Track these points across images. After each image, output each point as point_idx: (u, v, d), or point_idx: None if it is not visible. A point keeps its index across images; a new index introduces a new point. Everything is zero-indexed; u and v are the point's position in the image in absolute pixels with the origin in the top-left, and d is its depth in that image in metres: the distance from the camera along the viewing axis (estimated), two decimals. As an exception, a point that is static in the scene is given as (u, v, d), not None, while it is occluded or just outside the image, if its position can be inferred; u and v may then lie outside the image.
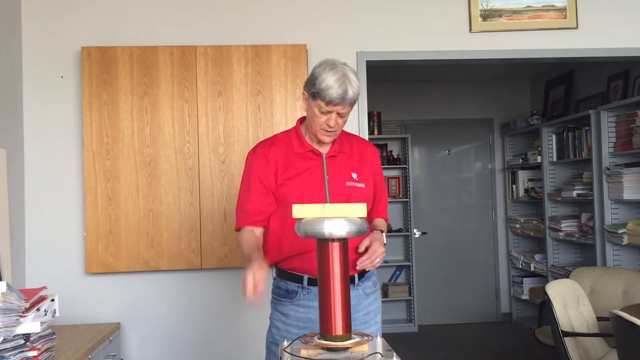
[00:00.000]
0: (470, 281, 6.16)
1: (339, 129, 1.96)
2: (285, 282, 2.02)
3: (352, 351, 1.41)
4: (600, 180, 4.23)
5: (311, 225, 1.41)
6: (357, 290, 2.01)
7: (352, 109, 1.95)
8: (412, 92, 6.17)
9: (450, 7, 3.40)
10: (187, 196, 3.13)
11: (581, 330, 3.20)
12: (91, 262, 3.08)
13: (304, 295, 1.98)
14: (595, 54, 3.47)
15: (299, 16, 3.33)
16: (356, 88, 1.88)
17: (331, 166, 2.00)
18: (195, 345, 3.22)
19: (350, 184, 1.99)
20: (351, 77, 1.87)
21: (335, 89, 1.84)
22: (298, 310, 1.99)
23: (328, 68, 1.87)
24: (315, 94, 1.88)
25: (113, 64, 3.10)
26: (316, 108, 1.90)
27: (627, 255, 4.12)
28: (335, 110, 1.89)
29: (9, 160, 2.96)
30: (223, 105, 3.15)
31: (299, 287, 1.99)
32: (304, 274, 1.98)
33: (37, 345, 2.09)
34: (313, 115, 1.93)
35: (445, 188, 6.28)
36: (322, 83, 1.85)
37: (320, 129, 1.93)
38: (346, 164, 2.02)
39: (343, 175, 1.99)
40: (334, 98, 1.85)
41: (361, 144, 2.13)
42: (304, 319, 1.98)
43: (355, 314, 1.97)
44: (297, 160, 1.99)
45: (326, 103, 1.87)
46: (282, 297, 2.03)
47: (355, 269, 1.95)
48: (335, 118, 1.90)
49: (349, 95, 1.86)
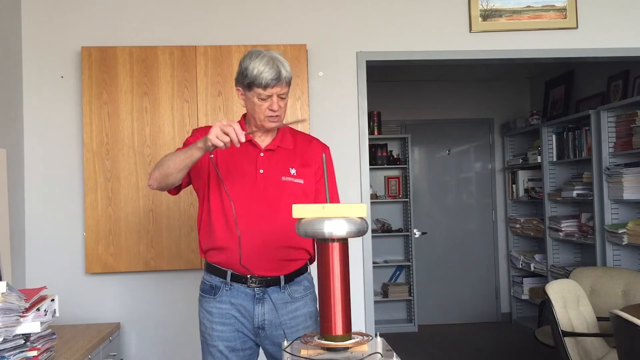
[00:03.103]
0: (470, 281, 6.16)
1: (282, 113, 1.97)
2: (211, 277, 2.04)
3: (352, 351, 1.41)
4: (600, 180, 4.23)
5: (311, 225, 1.41)
6: (282, 293, 1.99)
7: (290, 89, 1.98)
8: (412, 92, 6.17)
9: (450, 7, 3.40)
10: (187, 196, 3.13)
11: (581, 330, 3.20)
12: (91, 262, 3.08)
13: (227, 291, 1.99)
14: (595, 54, 3.47)
15: (299, 16, 3.33)
16: (288, 68, 1.91)
17: (268, 160, 2.00)
18: (195, 345, 3.21)
19: (287, 178, 1.98)
20: (279, 58, 1.91)
21: (268, 71, 1.86)
22: (220, 307, 2.00)
23: (254, 56, 1.90)
24: (251, 84, 1.90)
25: (113, 64, 3.10)
26: (255, 97, 1.92)
27: (627, 255, 4.12)
28: (274, 92, 1.90)
29: (9, 160, 2.96)
30: (223, 105, 3.15)
31: (222, 283, 2.00)
32: (228, 269, 1.98)
33: (37, 345, 2.09)
34: (254, 106, 1.94)
35: (445, 188, 6.28)
36: (253, 71, 1.88)
37: (265, 116, 1.94)
38: (285, 158, 2.01)
39: (279, 170, 1.99)
40: (269, 80, 1.87)
41: (306, 140, 2.12)
42: (226, 315, 1.99)
43: (281, 317, 1.98)
44: (234, 150, 1.95)
45: (263, 88, 1.88)
46: (206, 293, 2.05)
47: (280, 271, 1.96)
48: (277, 101, 1.92)
49: (282, 75, 1.89)
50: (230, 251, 1.95)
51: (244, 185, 1.96)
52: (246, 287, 1.97)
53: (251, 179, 1.97)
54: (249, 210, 1.94)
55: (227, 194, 1.93)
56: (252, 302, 1.97)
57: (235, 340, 2.00)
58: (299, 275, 2.04)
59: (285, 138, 2.06)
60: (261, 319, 1.98)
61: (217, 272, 2.02)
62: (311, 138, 2.16)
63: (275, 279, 1.97)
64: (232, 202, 1.91)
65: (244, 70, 1.90)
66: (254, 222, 1.93)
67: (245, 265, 1.92)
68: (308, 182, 2.02)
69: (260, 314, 1.98)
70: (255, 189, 1.95)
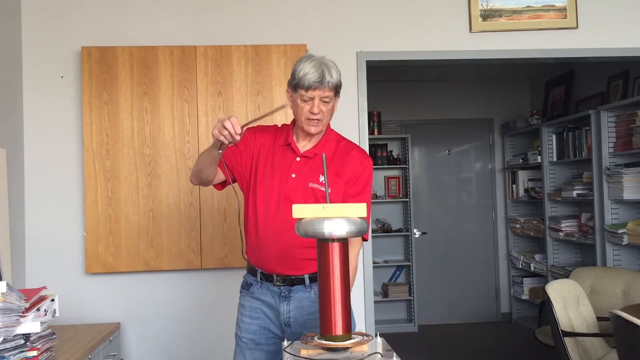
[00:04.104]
0: (470, 281, 6.16)
1: (324, 117, 1.97)
2: (248, 275, 2.13)
3: (352, 351, 1.41)
4: (600, 180, 4.23)
5: (311, 225, 1.41)
6: (308, 292, 2.02)
7: (339, 99, 2.00)
8: (412, 92, 6.17)
9: (450, 7, 3.40)
10: (187, 196, 3.13)
11: (581, 330, 3.20)
12: (91, 262, 3.08)
13: (258, 289, 2.06)
14: (595, 54, 3.47)
15: (299, 16, 3.33)
16: (335, 74, 1.93)
17: (302, 165, 2.02)
18: (195, 345, 3.22)
19: (314, 185, 1.99)
20: (329, 63, 1.93)
21: (312, 74, 1.89)
22: (252, 301, 2.07)
23: (304, 59, 1.95)
24: (296, 85, 1.93)
25: (113, 64, 3.10)
26: (299, 99, 1.95)
27: (627, 255, 4.12)
28: (316, 95, 1.92)
29: (9, 160, 2.96)
30: (223, 105, 3.15)
31: (254, 281, 2.07)
32: (258, 269, 2.05)
33: (37, 345, 2.09)
34: (297, 108, 1.97)
35: (445, 188, 6.28)
36: (299, 72, 1.91)
37: (306, 118, 1.96)
38: (319, 165, 2.01)
39: (310, 176, 2.00)
40: (312, 82, 1.89)
41: (347, 150, 2.08)
42: (256, 309, 2.06)
43: (305, 316, 2.00)
44: (277, 152, 2.04)
45: (305, 89, 1.91)
46: (243, 288, 2.13)
47: (303, 270, 1.99)
48: (318, 104, 1.93)
49: (326, 79, 1.90)
50: (259, 250, 2.02)
51: (275, 187, 2.00)
52: (273, 285, 2.03)
53: (282, 182, 2.00)
54: (276, 212, 1.98)
55: (253, 194, 2.01)
56: (278, 299, 2.03)
57: (260, 334, 2.06)
58: None
59: (328, 146, 2.05)
60: (287, 315, 2.02)
61: (251, 270, 2.10)
62: (352, 148, 2.10)
63: (299, 278, 2.01)
64: (257, 202, 2.00)
65: (293, 72, 1.95)
66: (278, 224, 1.97)
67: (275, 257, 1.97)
68: (335, 191, 2.01)
69: (286, 311, 2.02)
70: (283, 192, 1.98)
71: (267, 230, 1.98)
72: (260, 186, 2.01)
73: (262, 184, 2.02)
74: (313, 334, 1.49)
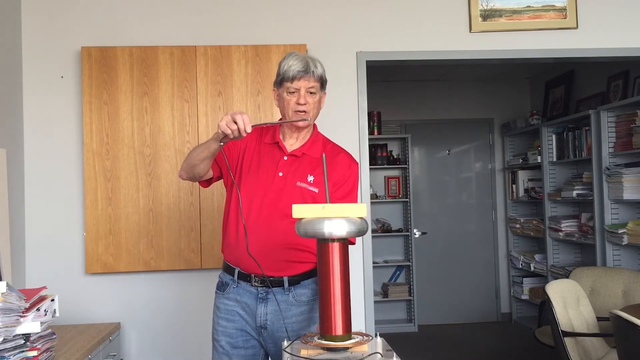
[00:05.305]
0: (470, 281, 6.16)
1: (311, 110, 1.97)
2: (223, 274, 2.08)
3: (352, 351, 1.41)
4: (600, 180, 4.23)
5: (311, 225, 1.41)
6: (286, 295, 1.98)
7: (325, 92, 2.01)
8: (412, 92, 6.17)
9: (450, 7, 3.40)
10: (187, 196, 3.13)
11: (581, 330, 3.20)
12: (91, 262, 3.08)
13: (234, 288, 2.02)
14: (595, 54, 3.47)
15: (299, 16, 3.33)
16: (320, 67, 1.96)
17: (289, 164, 2.01)
18: (195, 345, 3.22)
19: (302, 184, 1.98)
20: (313, 57, 1.97)
21: (296, 65, 1.92)
22: (227, 303, 2.03)
23: (288, 56, 1.98)
24: (282, 80, 1.95)
25: (113, 64, 3.10)
26: (285, 92, 1.96)
27: (627, 255, 4.12)
28: (301, 86, 1.93)
29: (9, 160, 2.96)
30: (223, 105, 3.15)
31: (231, 280, 2.03)
32: (236, 267, 2.01)
33: (37, 345, 2.09)
34: (283, 102, 1.98)
35: (445, 188, 6.28)
36: (284, 66, 1.94)
37: (293, 111, 1.96)
38: (306, 165, 2.01)
39: (298, 176, 1.99)
40: (297, 72, 1.91)
41: (334, 152, 2.08)
42: (231, 312, 2.02)
43: (282, 319, 1.96)
44: (263, 150, 2.03)
45: (291, 80, 1.92)
46: (218, 289, 2.09)
47: (283, 271, 1.96)
48: (304, 95, 1.94)
49: (311, 68, 1.92)
50: (238, 248, 1.97)
51: (260, 185, 1.98)
52: (250, 285, 1.99)
53: (269, 180, 1.98)
54: (260, 210, 1.96)
55: (237, 190, 1.96)
56: (255, 301, 1.98)
57: (237, 337, 2.01)
58: (306, 279, 2.01)
59: (315, 147, 2.05)
60: (263, 318, 1.98)
61: (228, 269, 2.05)
62: (340, 151, 2.12)
63: (278, 280, 1.97)
64: (240, 197, 1.95)
65: (278, 70, 1.96)
66: (262, 222, 1.95)
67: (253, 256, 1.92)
68: (323, 192, 2.00)
69: (262, 314, 1.98)
70: (270, 190, 1.97)
71: (253, 228, 1.93)
72: (244, 183, 1.98)
73: (247, 181, 1.99)
74: (313, 334, 1.49)
